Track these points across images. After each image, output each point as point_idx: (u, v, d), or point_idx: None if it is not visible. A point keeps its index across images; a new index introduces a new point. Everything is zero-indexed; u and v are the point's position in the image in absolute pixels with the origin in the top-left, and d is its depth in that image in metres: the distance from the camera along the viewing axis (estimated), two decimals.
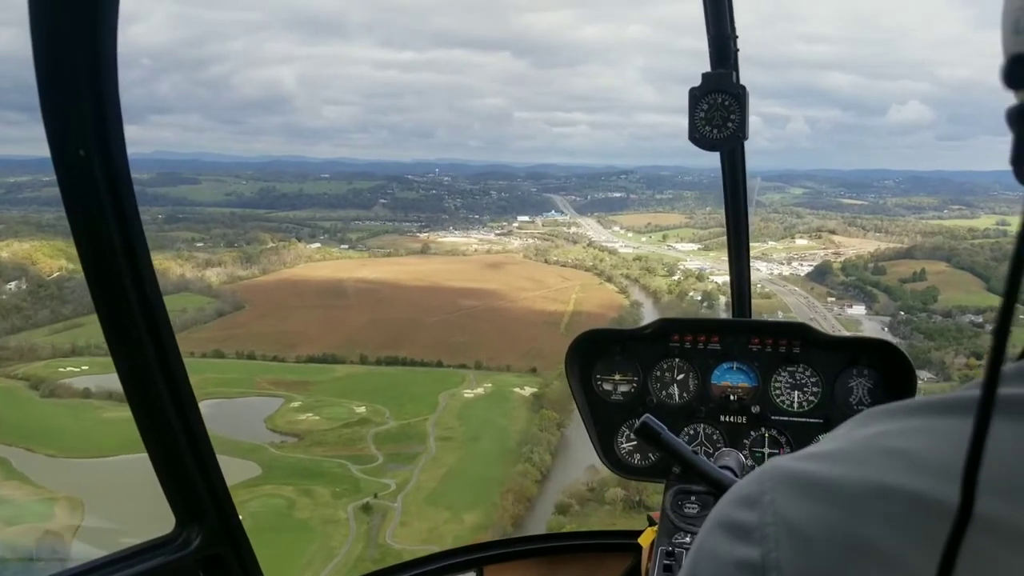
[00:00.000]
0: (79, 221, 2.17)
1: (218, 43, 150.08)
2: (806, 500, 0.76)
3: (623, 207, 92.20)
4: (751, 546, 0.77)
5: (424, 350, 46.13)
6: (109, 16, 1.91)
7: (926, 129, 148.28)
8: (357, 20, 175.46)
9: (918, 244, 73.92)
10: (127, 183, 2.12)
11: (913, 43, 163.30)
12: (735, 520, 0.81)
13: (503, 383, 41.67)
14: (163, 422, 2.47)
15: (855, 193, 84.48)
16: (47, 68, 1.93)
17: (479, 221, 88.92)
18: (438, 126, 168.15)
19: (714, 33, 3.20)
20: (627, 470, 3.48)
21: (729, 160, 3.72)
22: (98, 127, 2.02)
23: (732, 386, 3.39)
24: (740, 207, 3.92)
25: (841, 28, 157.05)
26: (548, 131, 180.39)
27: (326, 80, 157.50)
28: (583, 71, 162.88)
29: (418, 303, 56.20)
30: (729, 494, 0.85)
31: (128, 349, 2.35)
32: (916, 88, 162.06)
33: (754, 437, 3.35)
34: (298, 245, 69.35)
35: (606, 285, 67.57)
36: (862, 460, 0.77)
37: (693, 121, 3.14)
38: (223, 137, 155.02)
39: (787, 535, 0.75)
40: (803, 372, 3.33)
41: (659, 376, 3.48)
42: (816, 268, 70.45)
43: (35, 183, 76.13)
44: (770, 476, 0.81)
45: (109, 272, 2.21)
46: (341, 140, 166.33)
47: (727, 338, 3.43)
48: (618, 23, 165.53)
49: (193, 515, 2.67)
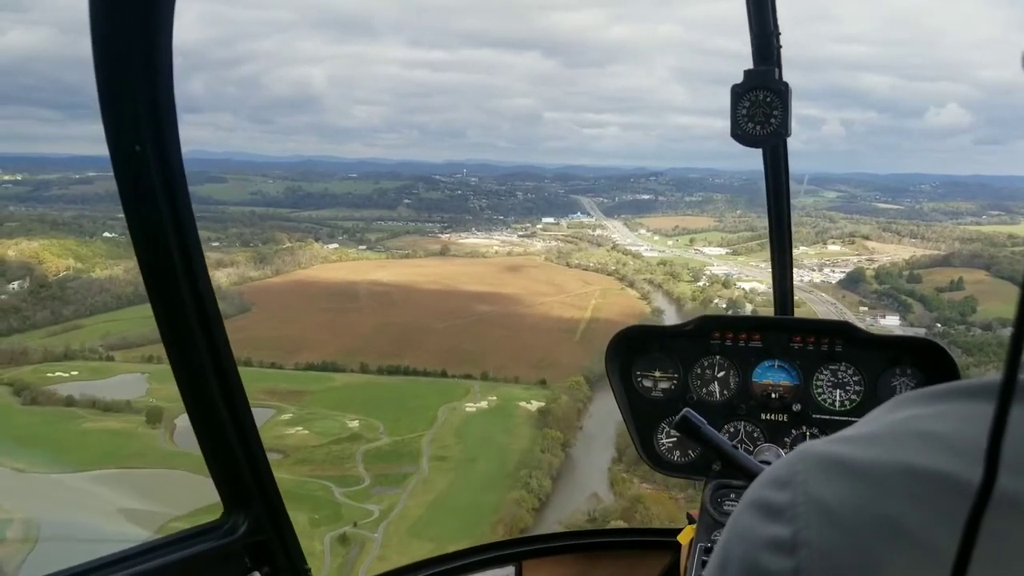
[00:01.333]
0: (135, 216, 2.15)
1: (249, 42, 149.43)
2: (837, 480, 0.77)
3: (651, 209, 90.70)
4: (782, 525, 0.78)
5: (430, 358, 43.24)
6: (165, 14, 1.93)
7: (964, 132, 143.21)
8: (386, 20, 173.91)
9: (956, 251, 71.07)
10: (181, 179, 2.14)
11: (952, 44, 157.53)
12: (767, 500, 0.81)
13: (509, 396, 38.54)
14: (213, 412, 2.46)
15: (890, 197, 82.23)
16: (105, 67, 1.95)
17: (503, 222, 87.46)
18: (468, 126, 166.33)
19: (757, 30, 3.14)
20: (666, 467, 3.35)
21: (772, 157, 3.60)
22: (153, 124, 2.04)
23: (773, 384, 3.30)
24: (783, 205, 3.77)
25: (878, 29, 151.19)
26: (578, 132, 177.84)
27: (356, 80, 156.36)
28: (613, 71, 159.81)
29: (431, 307, 53.65)
30: (761, 477, 0.86)
31: (180, 341, 2.34)
32: (954, 90, 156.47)
33: (795, 435, 3.25)
34: (314, 245, 67.33)
35: (627, 291, 64.45)
36: (893, 442, 0.78)
37: (735, 118, 3.05)
38: (255, 137, 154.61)
39: (817, 514, 0.76)
40: (845, 371, 3.24)
41: (700, 373, 3.38)
42: (848, 275, 67.26)
43: (64, 181, 75.78)
44: (802, 458, 0.82)
45: (163, 265, 2.21)
46: (372, 140, 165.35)
47: (769, 336, 3.33)
48: (648, 23, 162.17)
49: (240, 502, 2.66)
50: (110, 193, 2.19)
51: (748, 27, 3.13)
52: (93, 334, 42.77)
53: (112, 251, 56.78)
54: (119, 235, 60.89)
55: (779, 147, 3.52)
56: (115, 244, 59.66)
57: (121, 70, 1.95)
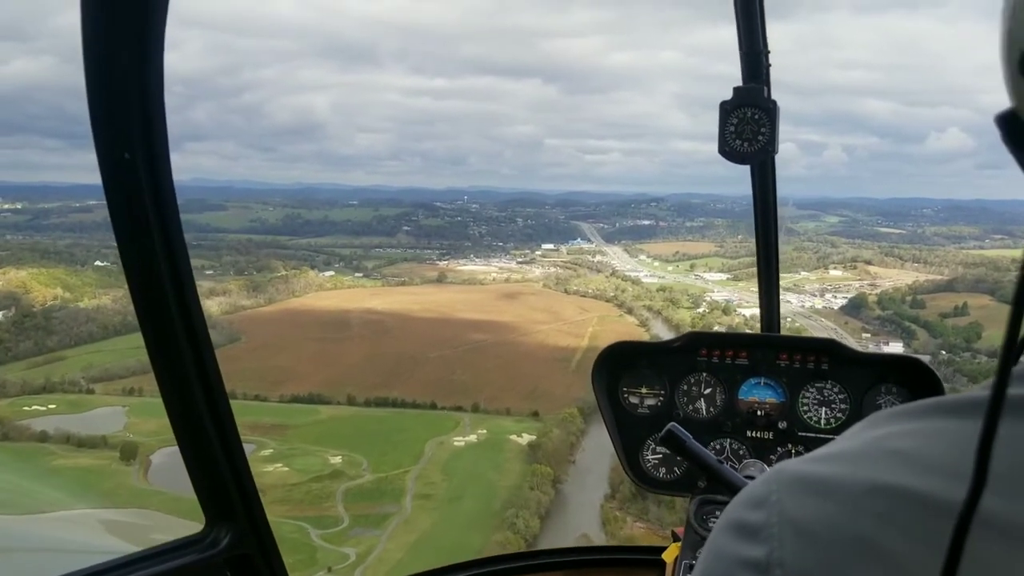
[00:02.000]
0: (123, 228, 2.15)
1: (251, 71, 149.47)
2: (810, 500, 0.76)
3: (652, 235, 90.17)
4: (757, 545, 0.76)
5: (420, 389, 41.55)
6: (157, 28, 1.93)
7: (966, 157, 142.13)
8: (388, 48, 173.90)
9: (959, 276, 69.58)
10: (170, 192, 2.14)
11: (953, 69, 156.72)
12: (743, 521, 0.80)
13: (499, 429, 36.76)
14: (197, 423, 2.43)
15: (892, 222, 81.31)
16: (96, 74, 1.95)
17: (502, 249, 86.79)
18: (470, 154, 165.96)
19: (746, 48, 3.17)
20: (652, 483, 3.33)
21: (760, 174, 3.60)
22: (145, 137, 2.04)
23: (759, 401, 3.26)
24: (770, 222, 3.76)
25: (879, 54, 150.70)
26: (580, 158, 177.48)
27: (359, 107, 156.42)
28: (615, 97, 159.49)
29: (424, 336, 52.14)
30: (739, 497, 0.85)
31: (165, 349, 2.32)
32: (956, 115, 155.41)
33: (780, 453, 3.23)
34: (309, 273, 66.04)
35: (626, 318, 62.86)
36: (866, 460, 0.77)
37: (723, 134, 3.06)
38: (258, 165, 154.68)
39: (791, 534, 0.75)
40: (831, 389, 3.22)
41: (686, 390, 3.36)
42: (850, 301, 65.75)
43: (63, 209, 74.98)
44: (777, 478, 0.81)
45: (149, 270, 2.20)
46: (375, 168, 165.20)
47: (755, 353, 3.30)
48: (649, 49, 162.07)
49: (223, 515, 2.62)
50: (107, 221, 2.08)
51: (738, 45, 3.14)
52: (75, 365, 41.28)
53: (102, 280, 55.54)
54: (111, 263, 59.73)
55: (767, 164, 3.49)
56: (106, 273, 58.40)
57: (113, 82, 1.94)
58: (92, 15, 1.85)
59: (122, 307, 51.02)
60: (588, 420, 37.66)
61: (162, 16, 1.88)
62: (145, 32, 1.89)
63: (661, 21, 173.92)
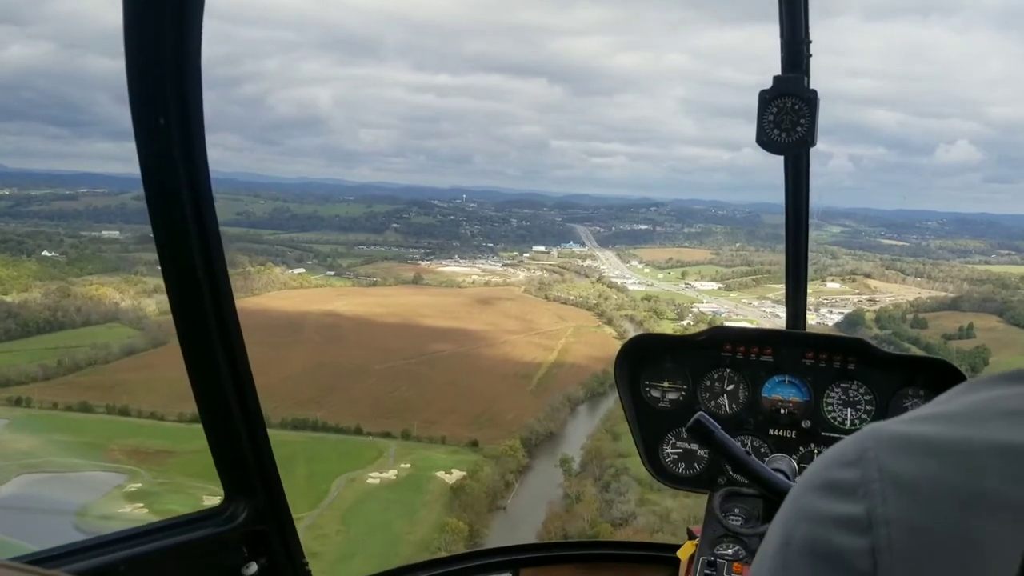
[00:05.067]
0: (156, 195, 2.11)
1: (252, 62, 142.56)
2: (916, 458, 0.71)
3: (648, 240, 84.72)
4: (854, 502, 0.71)
5: (353, 408, 35.11)
6: (195, 25, 1.91)
7: (974, 170, 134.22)
8: (391, 42, 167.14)
9: (965, 294, 62.51)
10: (203, 162, 2.09)
11: (963, 81, 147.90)
12: (834, 479, 0.74)
13: (426, 463, 30.16)
14: (221, 399, 2.37)
15: (896, 234, 75.39)
16: (139, 79, 1.94)
17: (491, 250, 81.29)
18: (475, 153, 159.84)
19: (787, 37, 2.94)
20: (671, 478, 3.16)
21: (794, 165, 3.34)
22: (180, 102, 1.98)
23: (783, 399, 3.06)
24: (801, 216, 3.47)
25: (888, 63, 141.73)
26: (586, 161, 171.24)
27: (362, 102, 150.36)
28: (621, 100, 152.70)
29: (379, 344, 45.61)
30: (821, 459, 0.79)
31: (192, 325, 2.27)
32: (964, 127, 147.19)
33: (803, 452, 3.02)
34: (275, 271, 59.53)
35: (604, 328, 55.84)
36: (979, 421, 0.72)
37: (761, 124, 2.87)
38: (263, 158, 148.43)
39: (896, 491, 0.70)
40: (857, 389, 3.02)
41: (709, 385, 3.17)
42: (846, 317, 58.52)
43: (47, 197, 70.00)
44: (871, 437, 0.75)
45: (180, 247, 2.16)
46: (380, 164, 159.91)
47: (781, 351, 3.11)
48: (656, 51, 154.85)
49: (241, 490, 2.55)
50: (89, 209, 1.39)
51: (779, 32, 2.94)
52: None
53: (43, 271, 49.14)
54: (58, 254, 53.56)
55: (802, 156, 3.28)
56: (51, 264, 52.00)
57: (153, 82, 1.93)
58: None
59: (52, 302, 44.53)
60: (533, 454, 30.82)
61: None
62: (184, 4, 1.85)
63: (668, 22, 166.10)
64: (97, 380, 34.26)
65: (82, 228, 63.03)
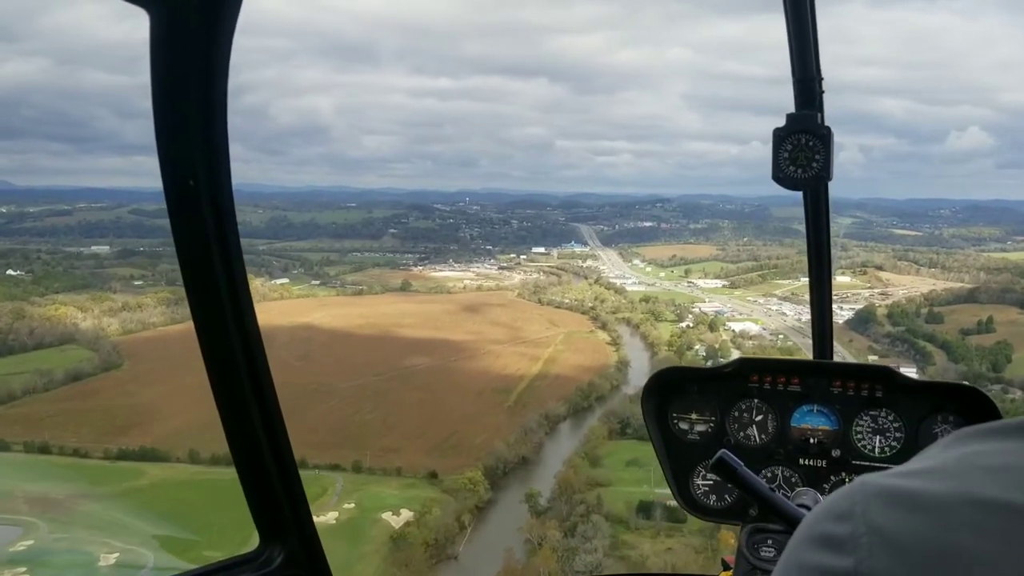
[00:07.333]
0: (185, 246, 2.08)
1: (249, 71, 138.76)
2: (901, 512, 0.72)
3: (652, 238, 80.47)
4: (843, 556, 0.72)
5: (305, 436, 30.70)
6: (223, 51, 1.87)
7: (986, 157, 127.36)
8: (387, 46, 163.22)
9: (982, 284, 57.29)
10: (231, 212, 2.07)
11: (972, 66, 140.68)
12: (826, 533, 0.75)
13: (374, 502, 25.86)
14: (253, 443, 2.30)
15: (908, 223, 70.45)
16: (163, 105, 1.92)
17: (489, 253, 77.02)
18: (480, 156, 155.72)
19: (799, 74, 2.88)
20: (702, 511, 3.02)
21: (812, 199, 3.26)
22: (208, 161, 1.99)
23: (812, 429, 2.94)
24: (823, 246, 3.37)
25: (896, 50, 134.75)
26: (592, 160, 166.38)
27: (363, 109, 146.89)
28: (623, 97, 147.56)
29: (350, 360, 41.53)
30: (816, 511, 0.80)
31: (223, 370, 2.21)
32: (975, 114, 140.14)
33: (834, 481, 2.92)
34: (255, 282, 55.09)
35: (597, 334, 51.13)
36: (958, 476, 0.73)
37: (777, 160, 2.81)
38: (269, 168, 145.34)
39: (881, 545, 0.71)
40: (886, 417, 2.90)
41: (737, 416, 3.03)
42: (857, 314, 53.23)
43: (43, 213, 67.39)
44: (861, 491, 0.77)
45: (209, 292, 2.12)
46: (386, 170, 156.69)
47: (808, 380, 2.98)
48: (656, 46, 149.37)
49: (276, 535, 2.45)
50: (82, 224, 1.39)
51: (791, 71, 2.89)
52: None
53: (5, 292, 45.59)
54: (24, 273, 49.98)
55: (820, 189, 3.20)
56: (14, 283, 48.44)
57: (178, 109, 1.92)
58: (161, 48, 1.78)
59: (4, 325, 40.74)
60: (498, 484, 26.31)
61: (227, 49, 1.83)
62: (211, 64, 1.83)
63: (667, 14, 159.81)
64: (28, 412, 30.42)
65: (70, 243, 59.89)
